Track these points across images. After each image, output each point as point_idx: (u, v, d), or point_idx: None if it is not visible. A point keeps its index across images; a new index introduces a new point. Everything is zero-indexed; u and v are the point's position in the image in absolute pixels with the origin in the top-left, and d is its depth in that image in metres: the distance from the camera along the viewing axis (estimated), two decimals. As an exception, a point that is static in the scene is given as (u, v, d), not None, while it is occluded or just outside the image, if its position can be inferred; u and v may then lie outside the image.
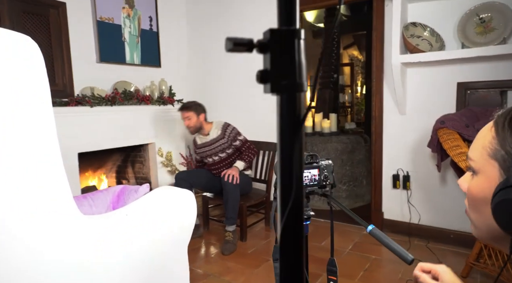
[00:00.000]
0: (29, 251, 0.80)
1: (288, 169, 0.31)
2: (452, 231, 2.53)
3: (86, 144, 2.77)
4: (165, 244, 1.03)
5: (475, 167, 0.55)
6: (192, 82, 3.87)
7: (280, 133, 0.32)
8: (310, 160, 0.94)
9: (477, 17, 2.25)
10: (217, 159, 2.88)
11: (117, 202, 1.13)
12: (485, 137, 0.54)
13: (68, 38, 2.74)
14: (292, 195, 0.31)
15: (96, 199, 1.10)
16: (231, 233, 2.62)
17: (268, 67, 0.29)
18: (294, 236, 0.33)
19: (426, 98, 2.57)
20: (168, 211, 1.06)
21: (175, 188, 1.14)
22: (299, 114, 0.30)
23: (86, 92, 2.83)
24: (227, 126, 2.89)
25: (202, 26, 3.71)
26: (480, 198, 0.54)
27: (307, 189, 0.94)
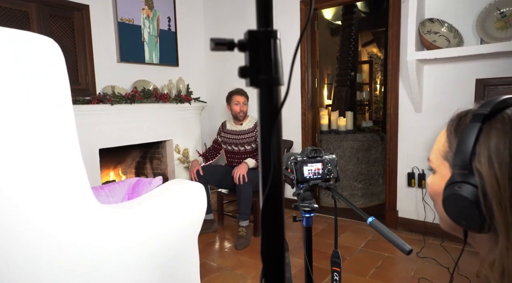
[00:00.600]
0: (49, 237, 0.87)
1: (267, 154, 0.35)
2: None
3: (106, 141, 2.89)
4: (176, 233, 1.08)
5: (433, 167, 0.62)
6: (209, 81, 3.95)
7: (260, 121, 0.35)
8: (313, 154, 0.97)
9: (497, 11, 2.20)
10: (242, 150, 2.96)
11: (132, 193, 1.19)
12: (440, 141, 0.60)
13: (91, 39, 2.86)
14: (269, 178, 0.34)
15: (112, 190, 1.17)
16: (244, 229, 2.67)
17: (248, 64, 0.32)
18: (273, 217, 0.36)
19: (443, 96, 2.53)
20: (179, 202, 1.11)
21: (186, 181, 1.20)
22: (276, 105, 0.34)
23: (107, 90, 2.95)
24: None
25: (219, 26, 3.77)
26: (437, 193, 0.60)
27: (310, 182, 0.97)
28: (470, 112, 0.59)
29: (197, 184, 1.20)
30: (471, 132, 0.54)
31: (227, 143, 3.04)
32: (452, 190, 0.54)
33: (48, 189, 0.88)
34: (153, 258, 1.05)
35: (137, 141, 3.14)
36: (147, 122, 3.20)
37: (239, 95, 2.92)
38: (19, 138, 0.80)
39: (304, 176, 0.96)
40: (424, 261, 2.28)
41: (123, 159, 3.57)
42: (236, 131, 2.98)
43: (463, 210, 0.53)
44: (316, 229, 2.91)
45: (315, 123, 3.33)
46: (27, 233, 0.83)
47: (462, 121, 0.59)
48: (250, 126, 2.95)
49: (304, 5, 3.13)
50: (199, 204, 1.16)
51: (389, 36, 2.73)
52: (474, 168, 0.52)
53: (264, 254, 0.38)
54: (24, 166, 0.81)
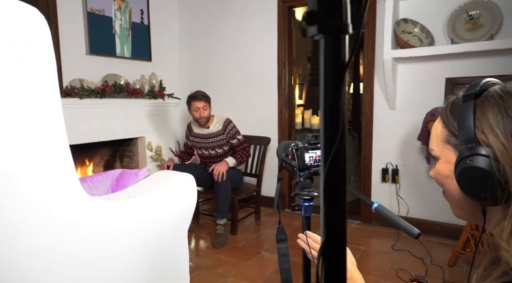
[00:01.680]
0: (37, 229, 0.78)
1: (333, 116, 0.31)
2: (439, 223, 2.60)
3: (74, 137, 2.71)
4: (167, 225, 1.02)
5: (436, 155, 0.65)
6: (183, 76, 3.84)
7: (324, 78, 0.32)
8: (315, 141, 0.95)
9: (466, 14, 2.32)
10: (213, 154, 2.86)
11: (117, 185, 1.11)
12: (437, 129, 0.64)
13: (57, 28, 2.68)
14: (335, 144, 0.31)
15: (95, 182, 1.07)
16: (222, 227, 2.61)
17: (316, 8, 0.29)
18: (336, 190, 0.33)
19: (416, 94, 2.63)
20: (169, 193, 1.05)
21: (175, 172, 1.14)
22: (344, 58, 0.31)
23: (75, 83, 2.77)
24: (229, 122, 2.86)
25: (194, 21, 3.69)
26: (446, 176, 0.62)
27: (311, 170, 0.95)
28: (458, 97, 0.63)
29: (188, 175, 1.14)
30: (468, 110, 0.58)
31: (197, 147, 2.95)
32: (464, 164, 0.56)
33: (35, 180, 0.79)
34: (143, 252, 0.98)
35: (107, 138, 2.99)
36: (118, 118, 3.05)
37: (197, 101, 2.75)
38: (3, 126, 0.71)
39: (305, 163, 0.94)
40: (399, 254, 2.35)
41: (92, 156, 3.38)
42: (204, 135, 2.87)
43: (480, 180, 0.54)
44: (294, 226, 2.91)
45: (291, 121, 3.34)
46: (16, 226, 0.74)
47: (455, 104, 0.62)
48: (219, 128, 2.83)
49: (282, 3, 3.13)
50: (189, 195, 1.10)
51: (365, 35, 2.80)
52: (480, 140, 0.55)
53: (325, 226, 0.34)
54: (11, 155, 0.72)
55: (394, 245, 2.46)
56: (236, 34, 3.43)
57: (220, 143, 2.81)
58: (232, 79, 3.52)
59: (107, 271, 0.93)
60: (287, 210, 3.36)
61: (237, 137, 2.83)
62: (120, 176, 1.14)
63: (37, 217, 0.76)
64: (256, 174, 3.03)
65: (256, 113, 3.40)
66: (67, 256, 0.81)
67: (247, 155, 2.83)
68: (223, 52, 3.54)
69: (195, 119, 2.82)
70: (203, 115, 2.77)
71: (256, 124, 3.39)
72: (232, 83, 3.52)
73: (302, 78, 6.37)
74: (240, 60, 3.44)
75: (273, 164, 3.33)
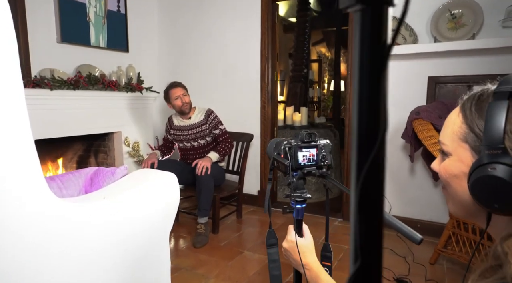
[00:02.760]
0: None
1: (371, 114, 0.25)
2: (420, 220, 2.62)
3: (43, 131, 2.54)
4: (147, 229, 0.93)
5: (447, 150, 0.59)
6: (162, 69, 3.70)
7: (360, 64, 0.25)
8: (309, 139, 0.89)
9: (449, 12, 2.33)
10: (196, 145, 2.77)
11: (91, 185, 1.00)
12: (454, 123, 0.58)
13: (25, 13, 2.48)
14: (374, 151, 0.24)
15: (66, 182, 0.96)
16: (203, 226, 2.53)
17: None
18: (375, 207, 0.26)
19: (398, 92, 2.63)
20: (150, 194, 0.96)
21: (155, 170, 1.05)
22: (386, 38, 0.24)
23: (45, 73, 2.59)
24: (211, 112, 2.80)
25: (175, 11, 3.54)
26: (454, 175, 0.58)
27: (305, 170, 0.89)
28: (486, 91, 0.57)
29: (169, 174, 1.06)
30: (500, 111, 0.51)
31: (178, 141, 2.85)
32: (483, 172, 0.51)
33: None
34: (120, 258, 0.89)
35: (80, 132, 2.82)
36: (92, 112, 2.89)
37: (175, 88, 2.70)
38: None
39: (298, 163, 0.88)
40: (382, 251, 2.34)
41: (63, 152, 3.19)
42: (185, 126, 2.78)
43: (498, 191, 0.50)
44: (276, 224, 2.86)
45: (274, 117, 3.28)
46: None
47: (483, 100, 0.56)
48: (201, 119, 2.75)
49: (265, -5, 3.06)
50: (171, 196, 1.01)
51: (349, 30, 2.77)
52: (508, 148, 0.49)
53: (361, 249, 0.27)
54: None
55: (376, 243, 2.46)
56: (218, 27, 3.32)
57: (202, 134, 2.73)
58: (213, 73, 3.41)
59: (79, 279, 0.84)
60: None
61: (219, 127, 2.77)
62: (94, 175, 1.03)
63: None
64: (238, 172, 2.96)
65: (238, 108, 3.32)
66: (28, 266, 0.71)
67: (230, 147, 2.75)
68: (204, 44, 3.42)
69: (178, 109, 2.73)
70: (185, 100, 2.70)
71: (238, 119, 3.31)
72: (213, 77, 3.42)
73: (283, 74, 6.33)
74: (222, 54, 3.34)
75: (255, 161, 3.27)
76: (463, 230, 1.92)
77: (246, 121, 3.27)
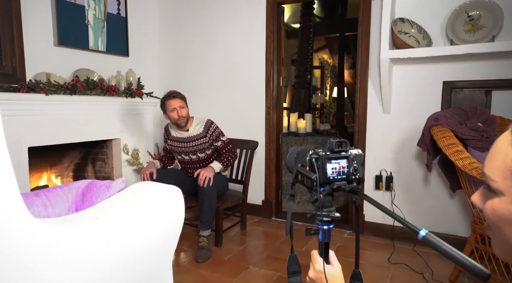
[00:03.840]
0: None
1: None
2: (435, 233, 2.45)
3: (38, 138, 2.41)
4: (147, 254, 0.79)
5: (497, 188, 0.49)
6: (163, 75, 3.58)
7: None
8: (339, 148, 0.76)
9: (466, 14, 2.22)
10: (195, 159, 2.60)
11: (82, 201, 0.86)
12: (506, 155, 0.48)
13: (20, 14, 2.37)
14: None
15: (53, 198, 0.83)
16: (205, 239, 2.38)
17: None
18: None
19: (411, 97, 2.51)
20: (150, 212, 0.82)
21: (156, 183, 0.91)
22: None
23: (41, 78, 2.47)
24: (211, 124, 2.58)
25: (176, 14, 3.44)
26: (506, 220, 0.49)
27: (334, 185, 0.75)
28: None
29: (173, 188, 0.92)
30: None
31: (176, 152, 2.66)
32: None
33: None
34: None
35: (77, 139, 2.69)
36: (90, 118, 2.76)
37: (172, 99, 2.47)
38: None
39: (327, 176, 0.74)
40: (397, 267, 2.20)
41: (59, 159, 3.05)
42: (183, 139, 2.57)
43: None
44: (282, 236, 2.71)
45: (279, 123, 3.15)
46: None
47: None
48: (200, 131, 2.54)
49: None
50: (176, 215, 0.87)
51: (359, 34, 2.66)
52: None
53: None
54: None
55: (390, 258, 2.31)
56: (221, 30, 3.21)
57: (202, 147, 2.56)
58: (216, 78, 3.29)
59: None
60: (273, 218, 3.16)
61: (221, 138, 2.58)
62: (86, 189, 0.90)
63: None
64: (242, 181, 2.82)
65: (242, 114, 3.19)
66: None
67: (233, 158, 2.58)
68: (207, 48, 3.31)
69: (174, 121, 2.53)
70: (182, 114, 2.48)
71: (241, 126, 3.18)
72: (216, 82, 3.30)
73: (286, 81, 6.22)
74: (226, 58, 3.23)
75: (260, 169, 3.13)
76: (488, 245, 1.77)
77: (250, 128, 3.14)
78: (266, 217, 3.15)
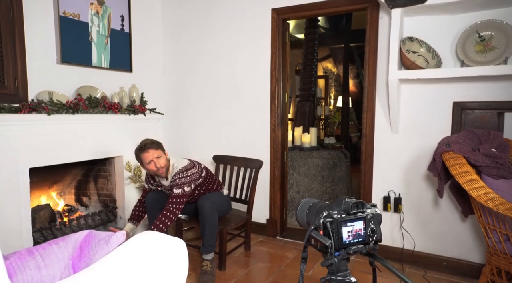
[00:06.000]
0: None
1: None
2: (446, 258, 2.40)
3: (40, 158, 2.37)
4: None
5: None
6: (166, 90, 3.54)
7: None
8: (355, 210, 0.70)
9: (477, 34, 2.16)
10: (180, 192, 2.28)
11: (79, 257, 0.81)
12: None
13: (23, 33, 2.34)
14: None
15: (47, 256, 0.77)
16: (209, 262, 2.31)
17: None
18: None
19: (420, 117, 2.45)
20: (153, 269, 0.77)
21: (159, 235, 0.86)
22: None
23: (43, 97, 2.44)
24: (179, 172, 2.29)
25: (180, 30, 3.41)
26: None
27: (350, 250, 0.69)
28: None
29: (177, 241, 0.86)
30: None
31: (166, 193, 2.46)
32: None
33: None
34: None
35: (79, 159, 2.65)
36: (93, 136, 2.72)
37: (145, 152, 2.22)
38: None
39: (343, 241, 0.68)
40: (407, 295, 2.11)
41: (61, 177, 3.01)
42: (165, 186, 2.39)
43: None
44: (288, 258, 2.64)
45: (283, 140, 3.09)
46: None
47: None
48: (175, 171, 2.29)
49: (276, 14, 2.91)
50: (179, 267, 0.82)
51: (366, 52, 2.60)
52: None
53: None
54: None
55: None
56: (225, 46, 3.18)
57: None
58: (220, 95, 3.25)
59: None
60: (278, 237, 3.09)
61: (181, 188, 2.26)
62: (84, 243, 0.84)
63: None
64: (246, 200, 2.76)
65: (246, 132, 3.14)
66: None
67: (172, 214, 2.20)
68: (211, 64, 3.27)
69: (153, 173, 2.31)
70: (160, 165, 2.23)
71: (246, 144, 3.13)
72: (220, 99, 3.25)
73: (290, 91, 6.18)
74: (230, 75, 3.18)
75: (264, 187, 3.07)
76: (504, 279, 1.70)
77: (255, 145, 3.09)
78: (271, 236, 3.08)
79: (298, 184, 3.78)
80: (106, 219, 2.99)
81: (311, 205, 0.78)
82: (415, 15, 2.35)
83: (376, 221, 0.73)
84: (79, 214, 2.96)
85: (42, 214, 2.67)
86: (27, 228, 2.32)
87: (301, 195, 3.79)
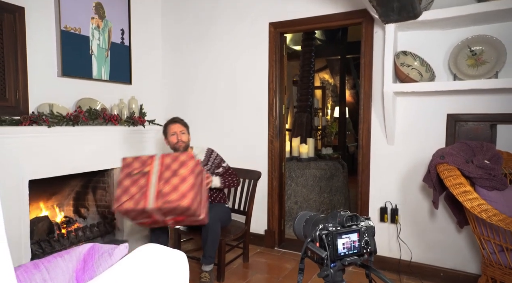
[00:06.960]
0: None
1: None
2: (442, 268, 2.41)
3: (39, 170, 2.39)
4: None
5: None
6: (165, 101, 3.59)
7: None
8: (350, 223, 0.73)
9: (468, 49, 2.22)
10: None
11: (83, 269, 0.83)
12: None
13: (25, 48, 2.39)
14: None
15: (53, 269, 0.80)
16: (208, 274, 2.32)
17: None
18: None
19: (414, 129, 2.50)
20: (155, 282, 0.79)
21: (161, 247, 0.88)
22: None
23: (44, 109, 2.47)
24: (211, 152, 2.65)
25: (179, 43, 3.47)
26: None
27: (345, 261, 0.72)
28: None
29: (177, 253, 0.89)
30: None
31: None
32: None
33: None
34: None
35: (79, 170, 2.67)
36: (92, 148, 2.74)
37: (173, 124, 2.54)
38: None
39: (338, 253, 0.71)
40: (404, 306, 2.13)
41: (60, 188, 3.02)
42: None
43: None
44: (286, 269, 2.65)
45: (281, 151, 3.13)
46: None
47: None
48: (201, 159, 2.57)
49: (274, 28, 2.98)
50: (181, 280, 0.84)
51: (361, 65, 2.67)
52: None
53: None
54: None
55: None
56: (224, 59, 3.24)
57: None
58: (219, 107, 3.30)
59: None
60: (276, 248, 3.09)
61: (222, 165, 2.63)
62: (88, 255, 0.87)
63: None
64: (245, 211, 2.77)
65: (244, 143, 3.17)
66: None
67: (234, 182, 2.59)
68: (210, 77, 3.32)
69: (172, 146, 2.54)
70: (181, 138, 2.51)
71: (244, 155, 3.16)
72: (218, 111, 3.30)
73: (288, 102, 6.24)
74: (228, 87, 3.24)
75: (262, 197, 3.09)
76: (499, 289, 1.72)
77: (253, 156, 3.12)
78: (269, 247, 3.09)
79: (296, 195, 3.80)
80: (105, 231, 2.99)
81: (308, 217, 0.81)
82: (408, 30, 2.42)
83: (370, 233, 0.76)
84: (77, 226, 2.96)
85: (40, 225, 2.68)
86: (25, 240, 2.32)
87: (299, 205, 3.81)
